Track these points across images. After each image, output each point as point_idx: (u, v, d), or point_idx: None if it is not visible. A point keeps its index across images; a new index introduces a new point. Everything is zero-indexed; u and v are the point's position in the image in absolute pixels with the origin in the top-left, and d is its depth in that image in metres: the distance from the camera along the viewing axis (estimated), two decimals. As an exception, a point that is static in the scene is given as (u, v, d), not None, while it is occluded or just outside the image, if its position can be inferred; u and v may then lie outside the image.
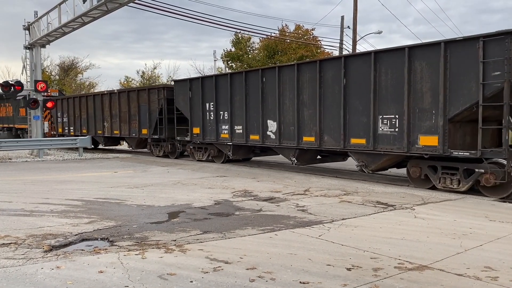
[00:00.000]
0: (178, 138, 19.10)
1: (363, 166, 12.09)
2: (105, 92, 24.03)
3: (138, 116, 20.68)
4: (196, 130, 17.67)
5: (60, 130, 27.92)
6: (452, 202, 9.12)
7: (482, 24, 77.70)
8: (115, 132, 22.61)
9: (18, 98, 28.98)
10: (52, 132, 28.15)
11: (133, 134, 21.35)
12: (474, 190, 10.16)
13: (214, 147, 17.26)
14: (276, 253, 5.50)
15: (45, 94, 29.88)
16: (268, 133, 14.52)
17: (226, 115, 16.20)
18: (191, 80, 18.02)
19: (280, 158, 17.16)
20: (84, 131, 25.04)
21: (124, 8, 17.70)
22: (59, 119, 27.94)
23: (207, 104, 17.04)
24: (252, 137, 15.19)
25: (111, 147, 26.74)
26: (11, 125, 32.74)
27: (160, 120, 19.36)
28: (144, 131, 20.47)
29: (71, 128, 26.54)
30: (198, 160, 18.07)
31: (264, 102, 14.52)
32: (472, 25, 78.76)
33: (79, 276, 4.67)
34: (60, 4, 19.16)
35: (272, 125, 14.35)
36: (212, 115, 16.85)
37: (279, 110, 13.99)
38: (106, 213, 7.98)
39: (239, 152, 16.37)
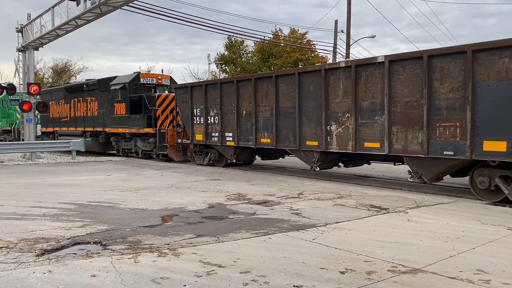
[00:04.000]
0: None
1: None
2: (336, 66, 12.40)
3: (470, 109, 9.36)
4: None
5: (199, 136, 16.94)
6: (444, 205, 9.16)
7: (475, 28, 78.42)
8: (366, 145, 11.47)
9: (112, 88, 21.23)
10: (178, 140, 18.52)
11: (448, 151, 9.81)
12: None
13: None
14: (269, 256, 5.50)
15: (155, 82, 21.25)
16: None
17: None
18: None
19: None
20: (265, 140, 14.13)
21: (116, 11, 17.65)
22: (195, 119, 17.10)
23: None
24: None
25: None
26: (98, 129, 22.85)
27: None
28: (492, 145, 9.14)
29: (228, 134, 15.45)
30: None
31: None
32: (466, 29, 79.47)
33: (71, 280, 4.64)
34: (53, 6, 19.08)
35: None
36: None
37: None
38: (99, 217, 7.93)
39: None
